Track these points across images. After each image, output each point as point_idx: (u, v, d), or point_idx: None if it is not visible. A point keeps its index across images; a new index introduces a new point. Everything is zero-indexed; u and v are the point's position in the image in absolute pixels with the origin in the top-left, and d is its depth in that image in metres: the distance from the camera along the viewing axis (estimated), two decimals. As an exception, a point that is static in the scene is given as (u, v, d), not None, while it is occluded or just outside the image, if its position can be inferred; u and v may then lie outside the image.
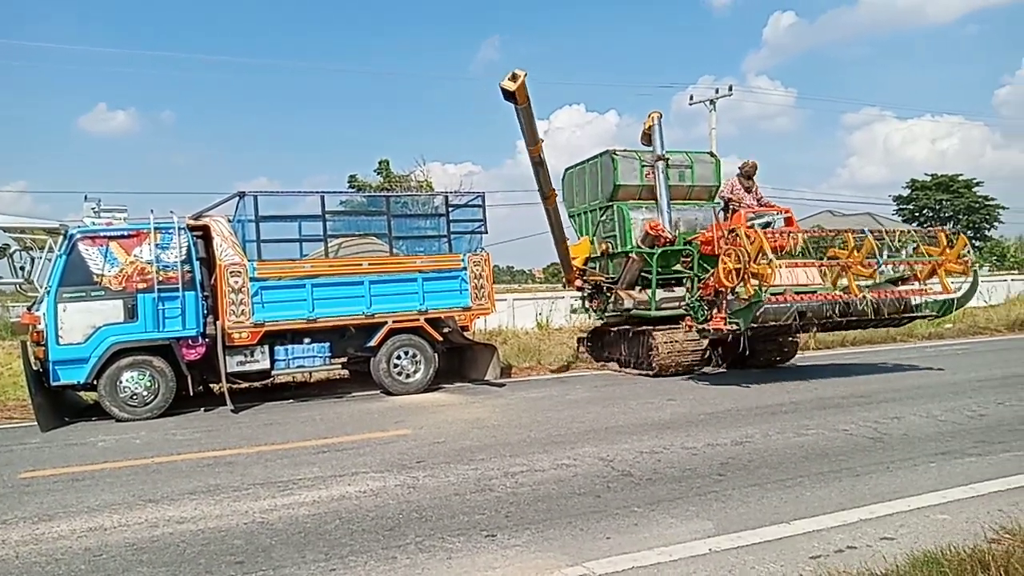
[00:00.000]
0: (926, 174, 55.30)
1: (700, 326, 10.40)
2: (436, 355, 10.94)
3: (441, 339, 11.02)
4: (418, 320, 10.71)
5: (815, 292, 10.11)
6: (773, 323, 9.85)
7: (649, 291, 11.98)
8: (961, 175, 54.06)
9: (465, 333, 11.69)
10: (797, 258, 10.64)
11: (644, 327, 11.84)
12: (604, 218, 12.90)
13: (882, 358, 13.23)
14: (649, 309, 11.88)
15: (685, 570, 3.72)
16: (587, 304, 13.48)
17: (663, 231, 11.69)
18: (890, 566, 3.47)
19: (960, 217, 51.61)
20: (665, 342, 11.25)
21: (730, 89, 33.24)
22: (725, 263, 9.66)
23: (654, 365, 11.34)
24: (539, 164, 10.59)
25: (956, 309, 11.66)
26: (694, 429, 7.28)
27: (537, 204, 11.61)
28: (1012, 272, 34.89)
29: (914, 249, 10.94)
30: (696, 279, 11.37)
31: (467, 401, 9.92)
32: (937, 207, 53.22)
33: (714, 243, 10.65)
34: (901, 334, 16.21)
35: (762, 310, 9.47)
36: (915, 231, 11.50)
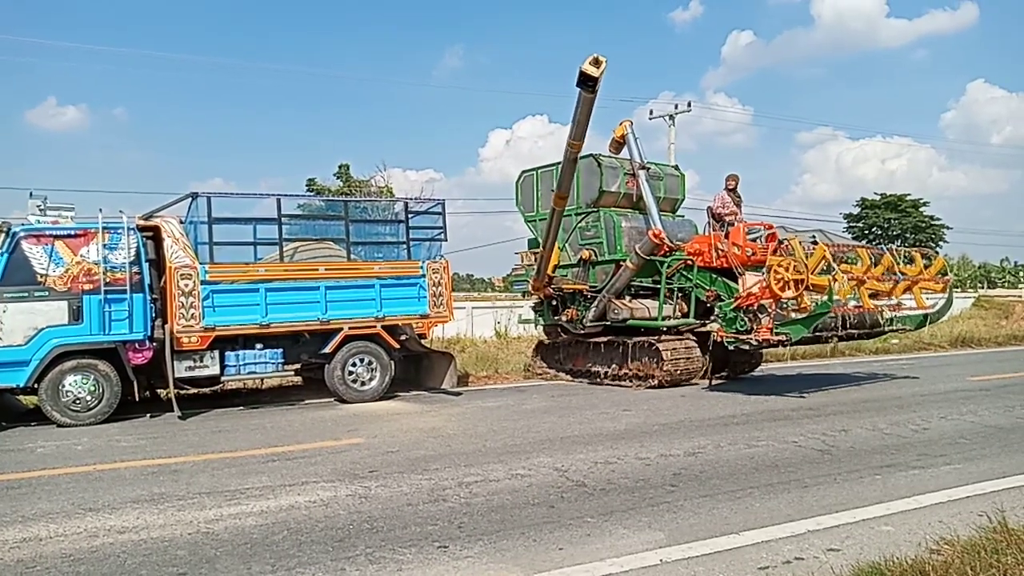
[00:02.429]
0: (875, 193, 56.92)
1: (742, 337, 10.19)
2: (392, 363, 10.83)
3: (398, 346, 10.91)
4: (375, 327, 10.59)
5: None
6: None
7: (641, 301, 11.86)
8: (909, 195, 55.81)
9: (423, 341, 11.61)
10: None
11: (641, 338, 11.51)
12: (584, 224, 12.48)
13: (830, 372, 13.54)
14: (651, 319, 11.52)
15: (636, 581, 3.73)
16: (554, 313, 12.94)
17: (666, 240, 11.46)
18: (836, 577, 3.54)
19: (907, 236, 53.23)
20: (671, 352, 11.09)
21: (689, 105, 33.76)
22: (779, 274, 9.60)
23: (659, 376, 11.10)
24: (574, 161, 10.50)
25: (930, 324, 12.35)
26: (648, 439, 7.33)
27: (497, 213, 11.70)
28: (955, 290, 36.08)
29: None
30: (678, 291, 11.42)
31: (423, 410, 9.83)
32: (886, 225, 54.79)
33: (707, 254, 10.80)
34: (850, 349, 16.63)
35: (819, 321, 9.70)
36: (895, 250, 11.84)
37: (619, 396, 10.64)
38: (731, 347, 10.63)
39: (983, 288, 48.66)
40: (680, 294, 11.53)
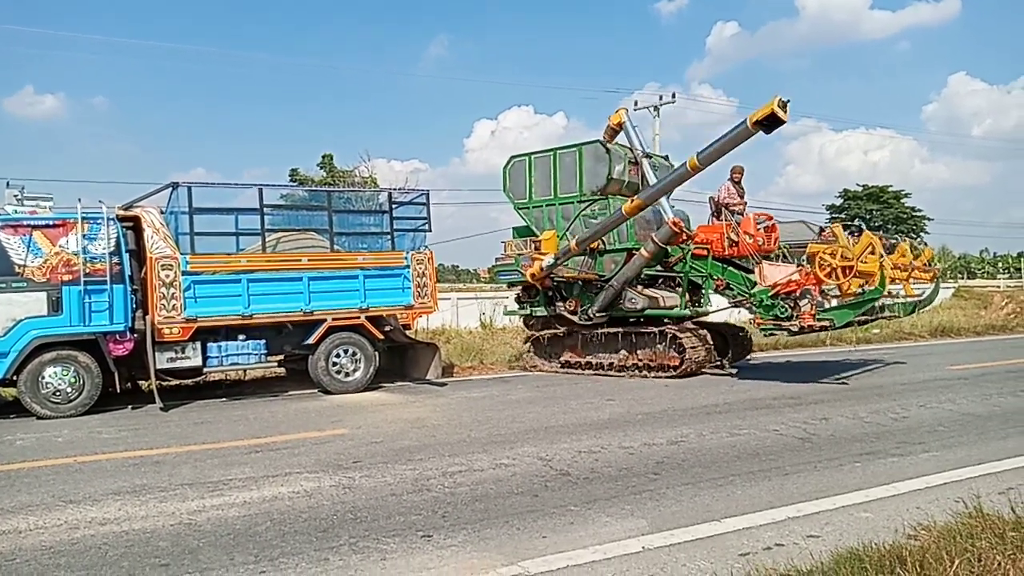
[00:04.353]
0: (858, 184, 57.36)
1: (784, 324, 10.33)
2: (377, 354, 10.81)
3: (382, 337, 10.90)
4: (359, 318, 10.56)
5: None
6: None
7: (654, 290, 11.83)
8: (891, 186, 56.33)
9: (407, 332, 11.59)
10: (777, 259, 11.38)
11: (657, 327, 11.41)
12: (591, 212, 12.02)
13: (812, 361, 13.67)
14: (666, 308, 11.53)
15: (619, 568, 3.76)
16: (548, 304, 12.58)
17: (684, 228, 11.34)
18: (815, 563, 3.57)
19: (888, 227, 53.67)
20: (691, 342, 11.08)
21: (673, 96, 33.73)
22: (825, 261, 9.84)
23: (683, 366, 11.05)
24: (684, 178, 10.44)
25: (919, 311, 12.87)
26: (631, 429, 7.37)
27: (482, 203, 11.57)
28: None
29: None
30: (684, 280, 11.52)
31: (407, 400, 9.83)
32: (867, 217, 55.23)
33: (717, 244, 11.08)
34: (832, 338, 16.75)
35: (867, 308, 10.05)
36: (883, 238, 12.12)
37: (603, 386, 10.69)
38: (766, 334, 10.85)
39: (963, 279, 49.20)
40: (688, 284, 11.65)
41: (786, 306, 10.29)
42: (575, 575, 3.69)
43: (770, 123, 8.67)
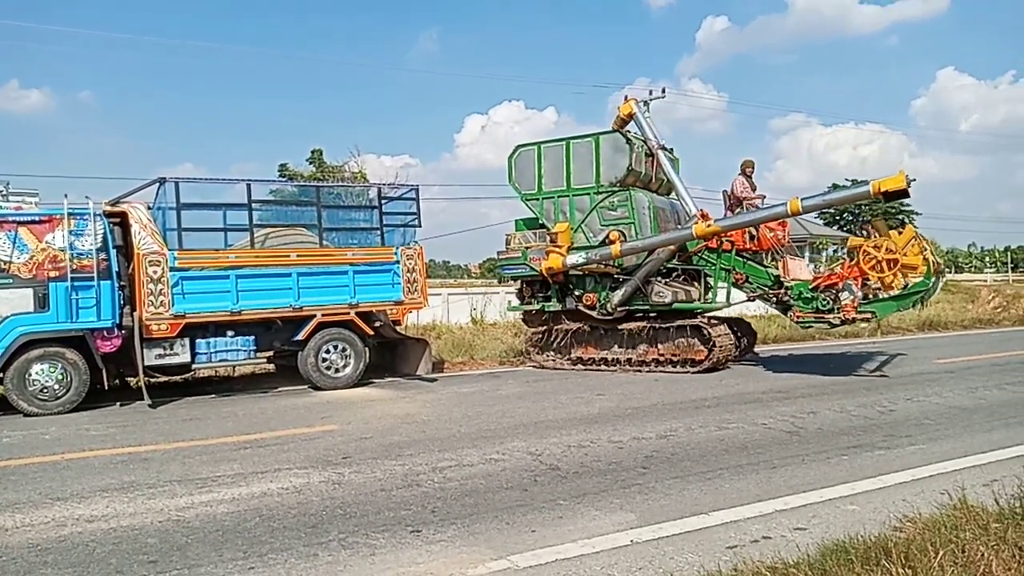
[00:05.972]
0: (847, 179, 57.71)
1: (826, 316, 10.55)
2: (367, 349, 10.79)
3: (372, 333, 10.88)
4: (348, 314, 10.54)
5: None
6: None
7: (679, 284, 11.83)
8: (879, 181, 56.64)
9: (397, 327, 11.58)
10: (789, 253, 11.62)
11: (684, 321, 11.35)
12: (609, 204, 11.78)
13: (801, 355, 13.74)
14: (692, 302, 11.58)
15: (607, 561, 3.78)
16: (567, 298, 12.30)
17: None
18: (802, 555, 3.59)
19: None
20: (719, 335, 11.08)
21: (663, 91, 33.75)
22: (871, 253, 10.02)
23: (709, 359, 11.03)
24: (777, 219, 10.74)
25: (921, 305, 13.14)
26: (621, 423, 7.40)
27: (472, 199, 11.54)
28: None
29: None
30: (696, 273, 11.65)
31: (397, 396, 9.82)
32: (856, 211, 55.56)
33: (738, 237, 11.27)
34: (819, 332, 16.85)
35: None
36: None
37: (593, 381, 10.71)
38: (804, 327, 11.14)
39: (951, 273, 49.60)
40: (703, 276, 11.78)
41: (827, 299, 10.51)
42: (564, 569, 3.70)
43: (895, 195, 9.24)
